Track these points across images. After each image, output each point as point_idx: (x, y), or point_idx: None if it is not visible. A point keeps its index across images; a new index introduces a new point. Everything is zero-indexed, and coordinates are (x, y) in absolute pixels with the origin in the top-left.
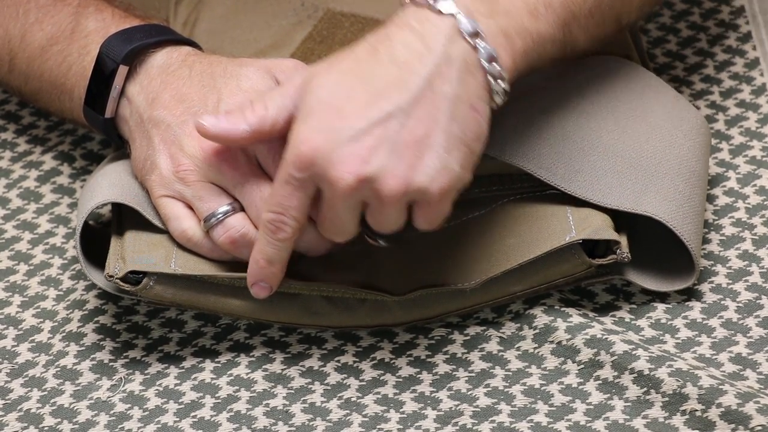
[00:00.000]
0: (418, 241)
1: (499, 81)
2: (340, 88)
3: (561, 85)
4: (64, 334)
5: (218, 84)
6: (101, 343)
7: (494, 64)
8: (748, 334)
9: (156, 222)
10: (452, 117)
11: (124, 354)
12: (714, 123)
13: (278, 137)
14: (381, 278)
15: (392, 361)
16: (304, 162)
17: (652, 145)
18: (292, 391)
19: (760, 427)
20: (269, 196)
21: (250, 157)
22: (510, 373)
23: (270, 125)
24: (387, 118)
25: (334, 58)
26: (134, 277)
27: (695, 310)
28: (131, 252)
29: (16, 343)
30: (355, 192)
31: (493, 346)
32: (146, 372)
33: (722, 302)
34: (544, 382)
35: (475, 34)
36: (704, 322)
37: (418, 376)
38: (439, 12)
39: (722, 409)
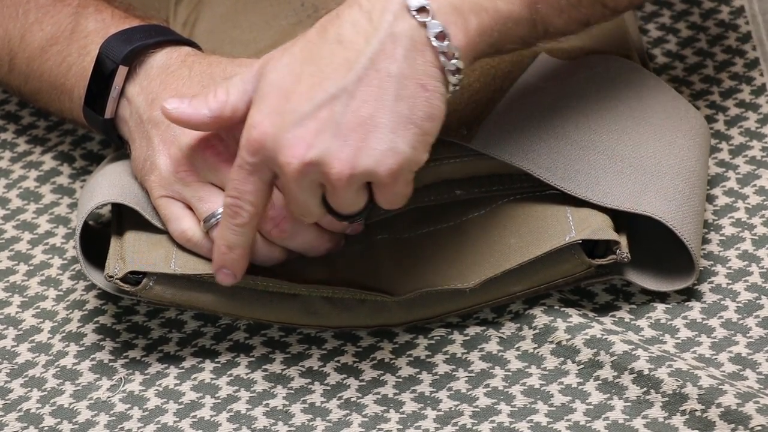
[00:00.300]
0: (418, 241)
1: (451, 59)
2: (290, 71)
3: (560, 85)
4: (64, 334)
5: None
6: (101, 343)
7: (445, 41)
8: (747, 334)
9: (156, 222)
10: (398, 96)
11: (124, 354)
12: (714, 123)
13: (239, 123)
14: (381, 278)
15: (392, 361)
16: (255, 146)
17: (652, 145)
18: (292, 391)
19: (759, 427)
20: (228, 182)
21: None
22: (510, 374)
23: (231, 111)
24: (331, 100)
25: (290, 41)
26: (134, 277)
27: (695, 311)
28: (131, 252)
29: (15, 343)
30: (303, 176)
31: (492, 346)
32: (146, 372)
33: (722, 302)
34: (543, 382)
35: (423, 10)
36: (704, 322)
37: (418, 376)
38: None
39: (722, 409)
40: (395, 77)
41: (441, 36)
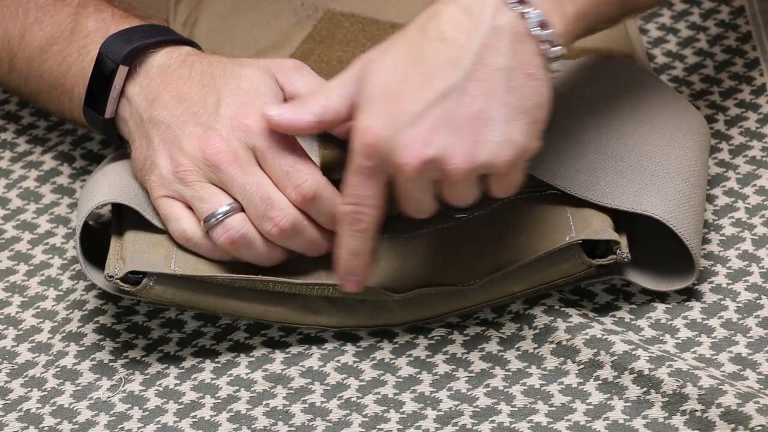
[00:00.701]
0: (418, 241)
1: (553, 47)
2: (395, 72)
3: (561, 85)
4: (64, 334)
5: (218, 84)
6: (101, 343)
7: (545, 30)
8: (748, 334)
9: (156, 222)
10: (508, 88)
11: (124, 354)
12: (714, 123)
13: (343, 122)
14: (381, 278)
15: (392, 361)
16: (370, 150)
17: (652, 145)
18: (292, 391)
19: (759, 427)
20: (344, 188)
21: (250, 157)
22: (510, 373)
23: (333, 114)
24: (442, 98)
25: (388, 42)
26: (134, 277)
27: (695, 311)
28: (131, 252)
29: (16, 344)
30: (421, 174)
31: (493, 346)
32: (146, 372)
33: (722, 302)
34: (544, 382)
35: (522, 2)
36: (704, 322)
37: (418, 376)
38: None
39: (722, 409)
40: (502, 70)
41: (542, 25)
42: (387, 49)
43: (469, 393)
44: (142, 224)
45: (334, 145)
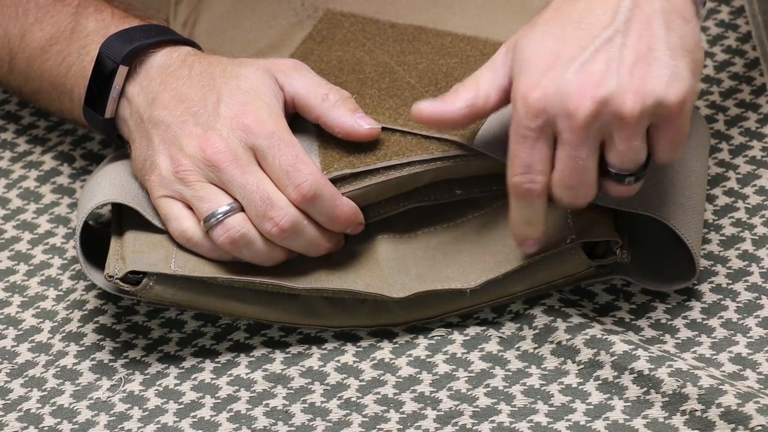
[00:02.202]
0: (418, 241)
1: None
2: (548, 35)
3: None
4: (64, 334)
5: (218, 84)
6: (101, 343)
7: None
8: (748, 334)
9: (156, 222)
10: (668, 29)
11: (124, 354)
12: (714, 123)
13: (494, 110)
14: (381, 278)
15: (392, 361)
16: (538, 108)
17: None
18: (292, 391)
19: (760, 427)
20: (510, 160)
21: (249, 157)
22: (510, 373)
23: (483, 100)
24: (606, 42)
25: (535, 17)
26: (134, 277)
27: (695, 310)
28: (131, 252)
29: (16, 343)
30: (595, 119)
31: (493, 346)
32: (146, 372)
33: (722, 302)
34: (544, 382)
35: None
36: (704, 322)
37: (418, 376)
38: None
39: (722, 409)
40: (660, 11)
41: None
42: (534, 24)
43: (469, 393)
44: (142, 224)
45: (334, 144)
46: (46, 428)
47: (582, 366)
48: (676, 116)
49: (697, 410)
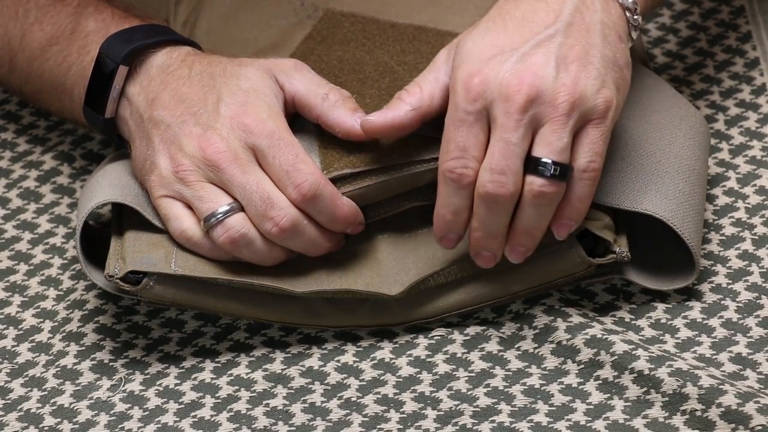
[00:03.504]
0: (418, 241)
1: (634, 15)
2: (492, 31)
3: None
4: (64, 334)
5: (218, 84)
6: (101, 343)
7: None
8: (748, 334)
9: (156, 222)
10: (604, 41)
11: (124, 354)
12: (714, 123)
13: (440, 111)
14: (381, 278)
15: (392, 361)
16: (477, 91)
17: (652, 144)
18: (292, 391)
19: (760, 427)
20: (444, 146)
21: (249, 156)
22: (510, 373)
23: (428, 100)
24: (547, 39)
25: (475, 23)
26: (134, 277)
27: (695, 310)
28: (131, 252)
29: (16, 343)
30: (530, 106)
31: (493, 346)
32: (146, 372)
33: (722, 302)
34: (544, 382)
35: None
36: (704, 322)
37: (418, 376)
38: None
39: (722, 409)
40: (599, 24)
41: None
42: (477, 24)
43: (469, 393)
44: (142, 224)
45: (334, 144)
46: (46, 428)
47: (582, 366)
48: (599, 121)
49: (697, 410)
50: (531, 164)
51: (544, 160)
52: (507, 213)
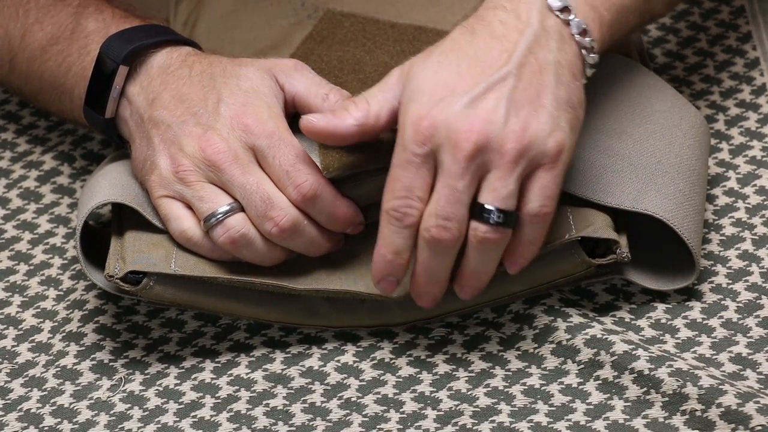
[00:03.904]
0: None
1: (590, 53)
2: (444, 66)
3: None
4: (64, 334)
5: (218, 84)
6: (101, 343)
7: (586, 37)
8: (748, 334)
9: (156, 222)
10: (558, 81)
11: (124, 354)
12: (714, 123)
13: (383, 131)
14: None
15: (392, 361)
16: (426, 135)
17: (652, 144)
18: (292, 391)
19: (760, 427)
20: (389, 185)
21: (250, 157)
22: (510, 373)
23: (374, 120)
24: (499, 81)
25: (431, 47)
26: (134, 277)
27: (695, 310)
28: (131, 252)
29: (16, 343)
30: (477, 153)
31: (493, 346)
32: (146, 372)
33: (722, 302)
34: (544, 382)
35: (565, 9)
36: (704, 322)
37: (418, 376)
38: None
39: (722, 409)
40: (553, 64)
41: (583, 32)
42: (431, 50)
43: (469, 393)
44: (142, 224)
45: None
46: (46, 428)
47: (582, 366)
48: (551, 165)
49: (697, 410)
50: (476, 210)
51: (488, 207)
52: (451, 258)
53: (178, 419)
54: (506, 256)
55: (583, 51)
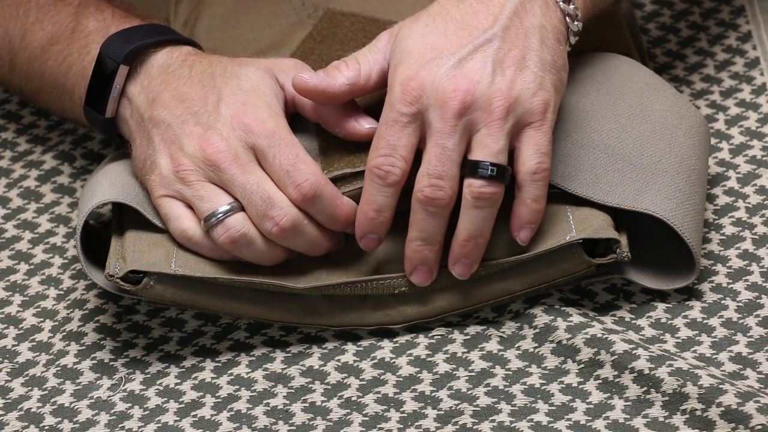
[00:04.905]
0: None
1: (574, 21)
2: (431, 30)
3: None
4: (65, 333)
5: (218, 84)
6: (102, 342)
7: (570, 4)
8: (748, 334)
9: (156, 222)
10: (542, 44)
11: (125, 353)
12: (714, 123)
13: (372, 91)
14: (380, 274)
15: (392, 361)
16: (414, 95)
17: (652, 144)
18: (293, 391)
19: (760, 427)
20: (374, 143)
21: (250, 156)
22: (510, 373)
23: (365, 80)
24: (485, 43)
25: (419, 12)
26: (134, 276)
27: (695, 310)
28: (131, 251)
29: (16, 343)
30: (465, 111)
31: (493, 346)
32: (146, 371)
33: (722, 302)
34: (544, 382)
35: None
36: (704, 321)
37: (419, 375)
38: None
39: (722, 409)
40: (537, 27)
41: (567, 0)
42: (419, 15)
43: (469, 392)
44: (142, 224)
45: (334, 144)
46: (46, 427)
47: (582, 365)
48: (539, 123)
49: (697, 409)
50: (469, 168)
51: (481, 161)
52: (444, 218)
53: (178, 418)
54: (513, 222)
55: (567, 18)
